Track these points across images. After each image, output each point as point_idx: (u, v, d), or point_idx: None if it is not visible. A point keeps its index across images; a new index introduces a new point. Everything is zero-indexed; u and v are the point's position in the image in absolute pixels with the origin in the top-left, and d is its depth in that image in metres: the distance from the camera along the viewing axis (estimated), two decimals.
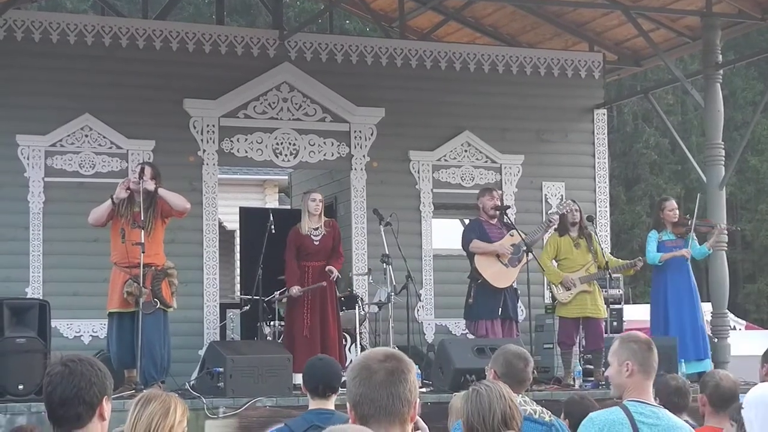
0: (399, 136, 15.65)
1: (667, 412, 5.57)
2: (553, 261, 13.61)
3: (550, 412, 6.48)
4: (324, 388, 6.64)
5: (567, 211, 13.58)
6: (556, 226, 13.63)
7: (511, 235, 13.36)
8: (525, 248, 13.19)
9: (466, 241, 13.44)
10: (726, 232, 14.68)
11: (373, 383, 3.57)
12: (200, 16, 33.97)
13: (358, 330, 13.47)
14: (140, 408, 5.01)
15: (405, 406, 3.58)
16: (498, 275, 13.19)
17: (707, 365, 13.47)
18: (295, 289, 12.79)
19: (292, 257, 12.87)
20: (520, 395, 6.37)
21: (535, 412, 6.38)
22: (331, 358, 7.15)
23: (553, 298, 13.63)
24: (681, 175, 37.82)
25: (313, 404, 6.69)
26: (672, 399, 6.97)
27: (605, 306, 13.69)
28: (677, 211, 14.11)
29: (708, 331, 15.20)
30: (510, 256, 13.24)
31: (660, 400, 6.93)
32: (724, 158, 15.33)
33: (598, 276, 13.62)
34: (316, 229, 12.87)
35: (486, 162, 16.11)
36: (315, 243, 12.81)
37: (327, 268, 12.91)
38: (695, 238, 14.13)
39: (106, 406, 4.12)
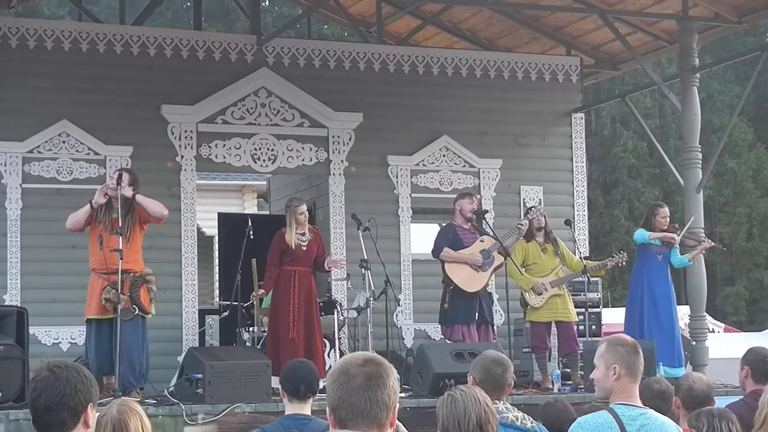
0: (377, 141, 15.66)
1: (654, 412, 5.58)
2: (522, 267, 13.58)
3: (531, 419, 6.48)
4: (306, 389, 6.62)
5: (533, 218, 13.61)
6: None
7: (481, 241, 13.35)
8: (499, 250, 13.18)
9: (437, 249, 13.38)
10: (711, 247, 14.61)
11: (351, 387, 3.57)
12: (178, 22, 33.94)
13: (336, 335, 13.46)
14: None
15: (383, 411, 3.58)
16: (469, 280, 13.16)
17: (681, 372, 13.46)
18: (261, 292, 12.87)
19: (274, 262, 12.80)
20: (502, 401, 6.37)
21: (517, 419, 6.38)
22: (310, 362, 7.12)
23: (525, 304, 13.64)
24: (659, 178, 37.96)
25: (290, 408, 6.66)
26: (655, 402, 6.97)
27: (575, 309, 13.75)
28: (669, 219, 14.12)
29: (686, 334, 15.25)
30: (481, 262, 13.21)
31: (643, 402, 6.96)
32: (701, 161, 15.38)
33: (568, 279, 13.68)
34: (303, 235, 12.86)
35: (464, 166, 16.13)
36: (303, 249, 12.82)
37: (327, 262, 12.94)
38: (678, 247, 14.12)
39: (91, 414, 4.12)
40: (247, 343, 13.36)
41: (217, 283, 19.96)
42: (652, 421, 5.46)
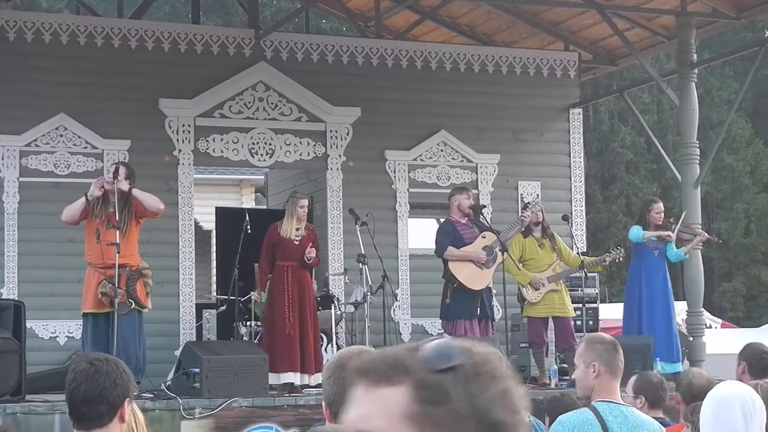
0: (375, 136, 15.64)
1: (635, 410, 5.64)
2: (519, 262, 13.58)
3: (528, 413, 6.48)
4: None
5: (533, 211, 13.59)
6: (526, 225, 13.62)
7: (484, 237, 13.33)
8: (499, 248, 13.18)
9: (440, 248, 13.35)
10: (707, 240, 14.62)
11: (347, 381, 3.57)
12: (176, 16, 33.91)
13: (334, 330, 13.46)
14: None
15: None
16: (473, 277, 13.15)
17: (679, 368, 13.50)
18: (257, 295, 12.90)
19: (266, 255, 12.77)
20: None
21: None
22: None
23: (522, 299, 13.64)
24: (657, 173, 37.96)
25: None
26: (658, 393, 7.06)
27: (572, 305, 13.76)
28: (663, 214, 14.13)
29: (683, 329, 15.25)
30: (486, 259, 13.20)
31: (646, 396, 7.01)
32: (699, 157, 15.38)
33: (565, 275, 13.68)
34: (297, 229, 12.84)
35: (462, 161, 16.12)
36: (295, 243, 12.77)
37: (306, 253, 12.78)
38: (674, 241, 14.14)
39: (128, 408, 4.12)
40: (244, 338, 13.38)
41: (214, 278, 19.95)
42: (634, 419, 5.49)
